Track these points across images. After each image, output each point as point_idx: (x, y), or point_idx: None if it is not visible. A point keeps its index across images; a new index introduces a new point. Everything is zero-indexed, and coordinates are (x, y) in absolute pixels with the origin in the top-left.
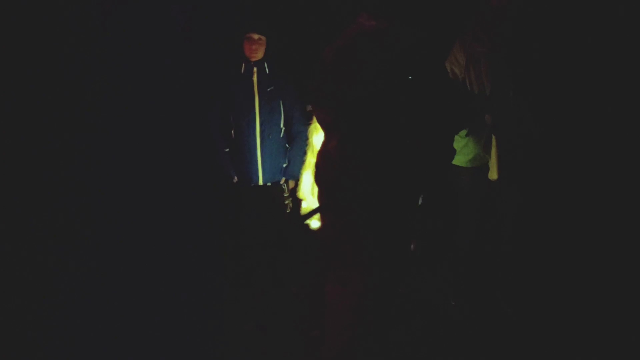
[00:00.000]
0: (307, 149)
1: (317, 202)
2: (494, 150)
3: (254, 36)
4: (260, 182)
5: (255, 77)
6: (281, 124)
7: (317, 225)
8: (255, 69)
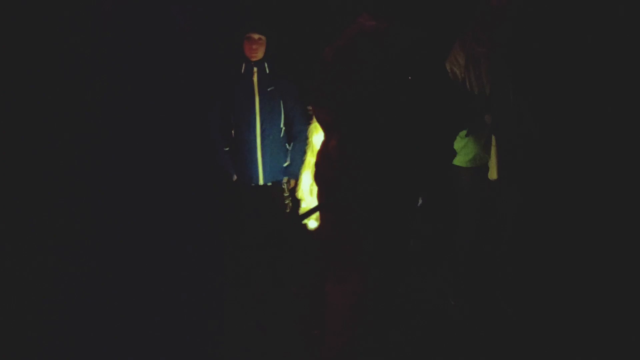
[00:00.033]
0: (307, 149)
1: (316, 201)
2: (493, 150)
3: (254, 36)
4: (260, 182)
5: (255, 77)
6: (281, 124)
7: (315, 225)
8: (255, 69)
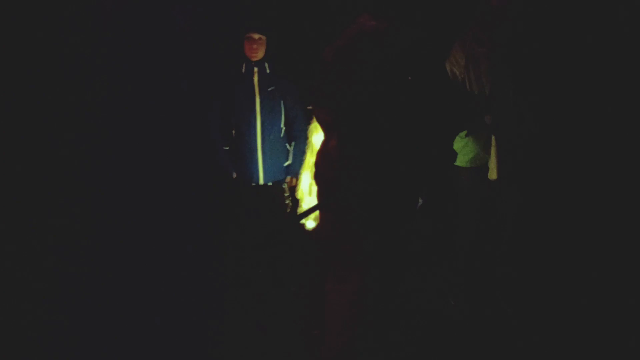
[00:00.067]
0: (307, 149)
1: (315, 201)
2: (493, 150)
3: (255, 36)
4: (260, 182)
5: (256, 77)
6: (281, 124)
7: (313, 225)
8: (256, 69)
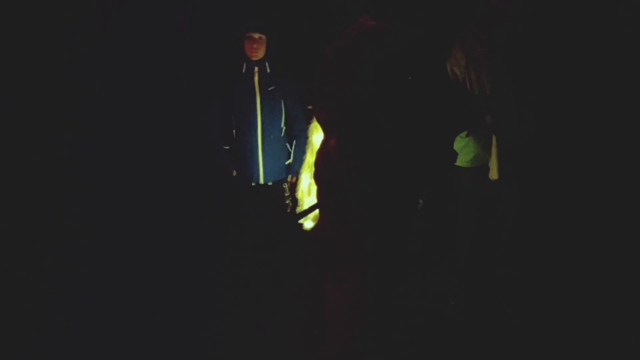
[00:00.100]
0: (307, 148)
1: (314, 201)
2: (494, 150)
3: (255, 35)
4: (261, 181)
5: (256, 77)
6: (282, 124)
7: (311, 225)
8: (256, 69)
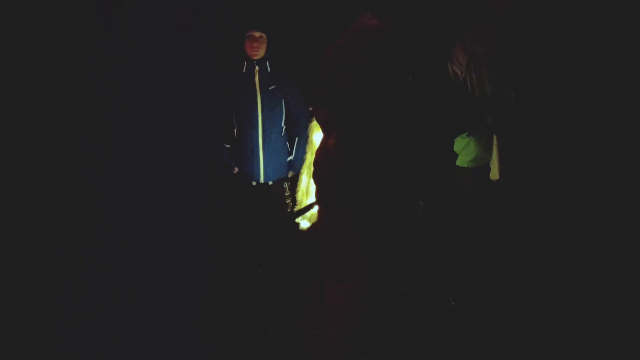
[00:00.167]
0: (307, 147)
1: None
2: (495, 150)
3: (255, 34)
4: (261, 180)
5: (257, 76)
6: (282, 123)
7: (308, 225)
8: (257, 68)
